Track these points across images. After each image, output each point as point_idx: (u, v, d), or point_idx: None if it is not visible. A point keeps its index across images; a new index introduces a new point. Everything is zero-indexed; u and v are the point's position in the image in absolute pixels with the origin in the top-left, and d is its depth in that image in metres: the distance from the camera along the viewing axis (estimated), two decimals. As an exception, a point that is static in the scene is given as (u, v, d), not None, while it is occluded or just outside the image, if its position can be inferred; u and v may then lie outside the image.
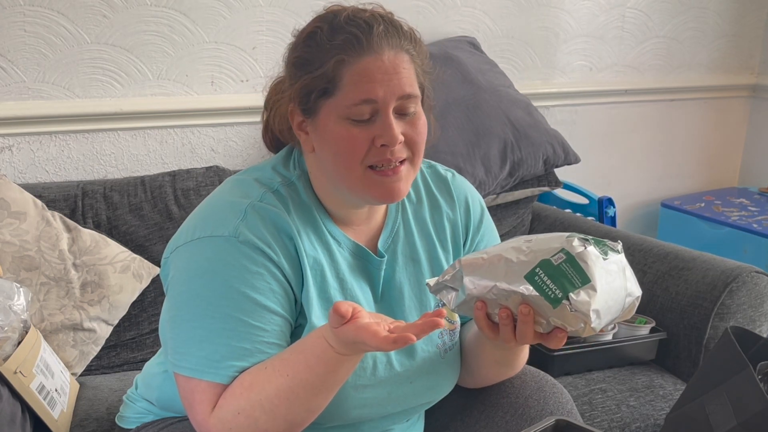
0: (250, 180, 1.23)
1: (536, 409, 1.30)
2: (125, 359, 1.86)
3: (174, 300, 1.19)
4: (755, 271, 1.95)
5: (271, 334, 1.14)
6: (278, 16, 2.21)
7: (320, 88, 1.16)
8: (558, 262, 1.05)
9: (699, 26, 3.06)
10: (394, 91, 1.14)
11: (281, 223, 1.17)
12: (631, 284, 1.14)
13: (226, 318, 1.13)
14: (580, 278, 1.04)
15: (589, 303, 1.04)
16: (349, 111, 1.14)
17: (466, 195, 1.37)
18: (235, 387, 1.11)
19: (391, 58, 1.15)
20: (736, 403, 1.45)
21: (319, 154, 1.20)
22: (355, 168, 1.16)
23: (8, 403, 1.42)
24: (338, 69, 1.14)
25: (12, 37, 1.93)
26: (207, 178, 2.01)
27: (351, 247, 1.25)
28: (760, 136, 3.27)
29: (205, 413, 1.12)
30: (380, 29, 1.15)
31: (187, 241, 1.19)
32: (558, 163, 2.37)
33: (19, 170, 1.99)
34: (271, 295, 1.15)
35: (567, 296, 1.04)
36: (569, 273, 1.05)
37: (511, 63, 2.68)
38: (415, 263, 1.30)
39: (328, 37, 1.16)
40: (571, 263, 1.05)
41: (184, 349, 1.15)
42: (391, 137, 1.14)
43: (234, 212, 1.17)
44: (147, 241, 1.91)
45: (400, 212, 1.31)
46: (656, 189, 3.14)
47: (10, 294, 1.51)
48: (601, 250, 1.08)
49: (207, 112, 2.18)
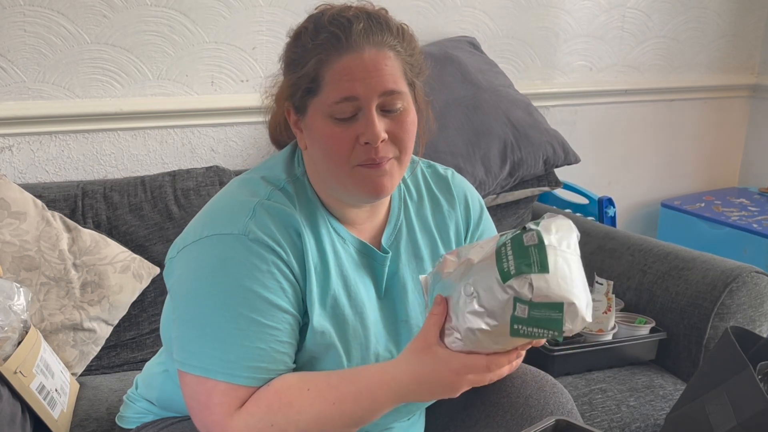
0: (257, 179, 1.23)
1: (536, 408, 1.31)
2: (125, 359, 1.86)
3: (182, 299, 1.18)
4: (755, 271, 1.95)
5: (283, 333, 1.15)
6: (278, 16, 2.21)
7: (305, 87, 1.17)
8: (527, 315, 1.02)
9: (699, 26, 3.06)
10: (375, 88, 1.15)
11: (290, 221, 1.18)
12: (567, 234, 1.08)
13: (238, 317, 1.12)
14: (555, 310, 1.02)
15: (579, 316, 1.03)
16: (331, 109, 1.15)
17: (465, 193, 1.38)
18: (271, 399, 1.11)
19: (372, 55, 1.15)
20: (736, 403, 1.45)
21: (311, 152, 1.21)
22: (344, 166, 1.17)
23: (8, 403, 1.42)
24: (319, 68, 1.15)
25: (12, 37, 1.93)
26: (207, 178, 2.01)
27: (355, 244, 1.25)
28: (760, 136, 3.27)
29: (223, 414, 1.11)
30: (360, 27, 1.15)
31: (195, 240, 1.18)
32: (558, 163, 2.37)
33: (19, 170, 1.99)
34: (282, 294, 1.15)
35: (562, 331, 1.03)
36: (544, 315, 1.02)
37: (511, 63, 2.68)
38: (418, 260, 1.31)
39: (312, 37, 1.17)
40: (537, 308, 1.02)
41: (193, 348, 1.14)
42: (373, 134, 1.15)
43: (243, 211, 1.17)
44: (147, 241, 1.91)
45: (402, 210, 1.32)
46: (656, 189, 3.14)
47: (10, 294, 1.51)
48: (538, 268, 1.02)
49: (207, 112, 2.18)
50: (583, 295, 1.04)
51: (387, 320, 1.27)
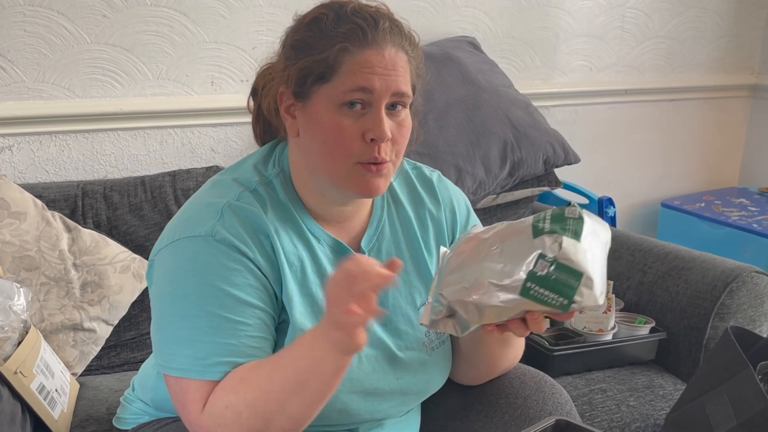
0: (228, 180, 1.24)
1: (535, 409, 1.31)
2: (125, 359, 1.86)
3: (158, 302, 1.20)
4: (755, 271, 1.95)
5: (254, 328, 1.15)
6: (278, 16, 2.21)
7: (318, 72, 1.17)
8: (545, 272, 1.02)
9: (699, 26, 3.06)
10: (390, 87, 1.16)
11: (257, 222, 1.19)
12: (603, 234, 1.10)
13: (209, 316, 1.14)
14: (573, 276, 1.02)
15: (592, 294, 1.03)
16: (343, 97, 1.15)
17: (451, 197, 1.38)
18: (227, 381, 1.12)
19: (392, 54, 1.17)
20: (736, 403, 1.45)
21: (305, 140, 1.21)
22: (344, 161, 1.17)
23: (8, 403, 1.42)
24: (340, 57, 1.15)
25: (12, 37, 1.93)
26: (207, 178, 1.99)
27: (330, 244, 1.25)
28: (760, 136, 3.27)
29: (197, 411, 1.12)
30: (386, 25, 1.18)
31: (168, 242, 1.20)
32: (558, 163, 2.38)
33: (19, 170, 1.99)
34: (250, 290, 1.16)
35: (572, 301, 1.03)
36: (562, 278, 1.02)
37: (511, 63, 2.68)
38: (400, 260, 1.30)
39: (333, 25, 1.17)
40: (558, 268, 1.02)
41: (171, 350, 1.16)
42: (381, 131, 1.15)
43: (211, 212, 1.18)
44: (147, 241, 1.91)
45: (385, 211, 1.32)
46: (656, 189, 3.14)
47: (10, 294, 1.51)
48: (571, 234, 1.04)
49: (207, 112, 2.18)
50: (600, 280, 1.05)
51: None
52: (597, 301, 1.03)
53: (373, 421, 1.30)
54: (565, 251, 1.02)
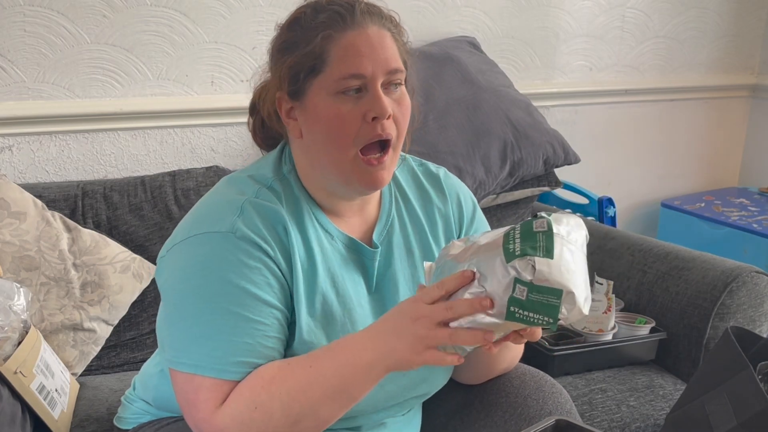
0: (244, 177, 1.24)
1: (535, 408, 1.31)
2: (125, 359, 1.86)
3: (171, 297, 1.18)
4: (755, 271, 1.95)
5: (271, 328, 1.15)
6: (278, 16, 2.19)
7: (308, 65, 1.18)
8: (525, 297, 1.01)
9: (699, 26, 3.06)
10: (381, 65, 1.17)
11: (277, 217, 1.18)
12: (578, 234, 1.08)
13: (225, 313, 1.13)
14: (553, 295, 1.01)
15: (576, 308, 1.02)
16: (338, 85, 1.16)
17: (457, 192, 1.39)
18: (253, 381, 1.11)
19: (375, 33, 1.18)
20: (736, 403, 1.45)
21: (309, 137, 1.21)
22: (348, 148, 1.17)
23: (8, 403, 1.42)
24: (325, 45, 1.16)
25: (12, 37, 1.93)
26: (207, 178, 2.01)
27: (344, 240, 1.25)
28: (760, 136, 3.27)
29: (209, 410, 1.11)
30: (362, 6, 1.19)
31: (183, 238, 1.19)
32: (558, 163, 2.38)
33: (19, 170, 1.99)
34: (268, 290, 1.15)
35: (557, 319, 1.02)
36: (542, 299, 1.01)
37: (511, 63, 2.68)
38: (410, 255, 1.31)
39: (312, 17, 1.19)
40: (536, 290, 1.01)
41: (182, 346, 1.14)
42: (381, 108, 1.16)
43: (231, 209, 1.18)
44: (147, 241, 1.91)
45: (393, 205, 1.32)
46: (656, 189, 3.14)
47: (10, 294, 1.51)
48: (543, 252, 1.02)
49: (207, 112, 2.18)
50: (583, 288, 1.04)
51: (377, 315, 1.26)
52: (582, 312, 1.03)
53: (376, 421, 1.30)
54: (540, 273, 1.01)
